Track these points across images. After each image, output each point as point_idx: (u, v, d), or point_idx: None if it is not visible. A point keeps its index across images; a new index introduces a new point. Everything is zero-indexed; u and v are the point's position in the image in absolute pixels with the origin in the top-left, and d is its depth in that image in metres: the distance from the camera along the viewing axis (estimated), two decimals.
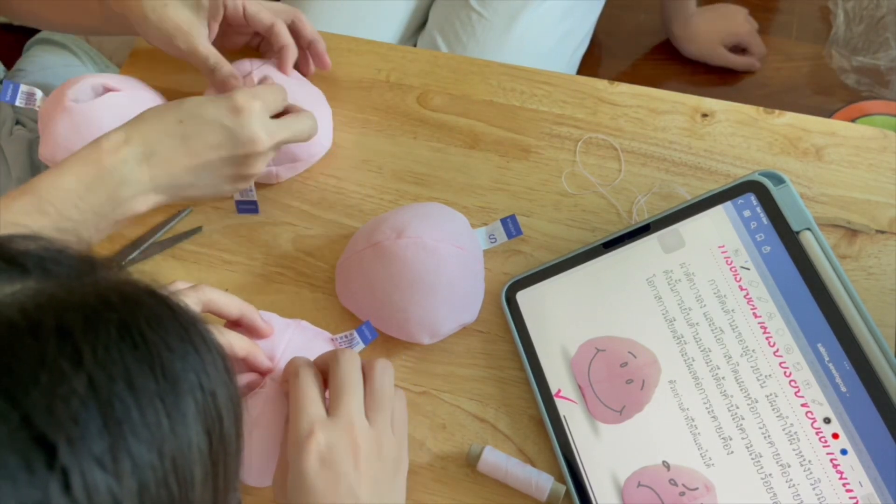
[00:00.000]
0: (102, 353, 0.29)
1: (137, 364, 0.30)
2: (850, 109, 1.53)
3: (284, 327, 0.61)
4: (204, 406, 0.31)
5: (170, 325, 0.32)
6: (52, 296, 0.30)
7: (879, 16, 1.57)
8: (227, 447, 0.33)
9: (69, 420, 0.27)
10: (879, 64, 1.55)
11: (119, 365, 0.29)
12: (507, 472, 0.59)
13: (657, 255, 0.64)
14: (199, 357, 0.32)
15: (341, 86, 0.79)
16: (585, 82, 0.78)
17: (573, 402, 0.61)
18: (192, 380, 0.31)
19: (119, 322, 0.30)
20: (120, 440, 0.28)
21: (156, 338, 0.31)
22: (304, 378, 0.52)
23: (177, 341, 0.32)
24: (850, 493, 0.54)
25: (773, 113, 0.75)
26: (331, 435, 0.49)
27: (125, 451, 0.28)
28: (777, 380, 0.58)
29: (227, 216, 0.73)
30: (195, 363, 0.32)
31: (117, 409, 0.28)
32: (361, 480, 0.49)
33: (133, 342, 0.30)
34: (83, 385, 0.28)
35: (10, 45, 1.39)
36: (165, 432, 0.29)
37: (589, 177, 0.73)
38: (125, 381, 0.29)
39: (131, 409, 0.28)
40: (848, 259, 0.67)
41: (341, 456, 0.49)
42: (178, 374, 0.31)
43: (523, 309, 0.66)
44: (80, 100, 0.71)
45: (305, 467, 0.48)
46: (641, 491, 0.57)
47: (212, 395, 0.32)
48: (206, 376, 0.32)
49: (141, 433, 0.28)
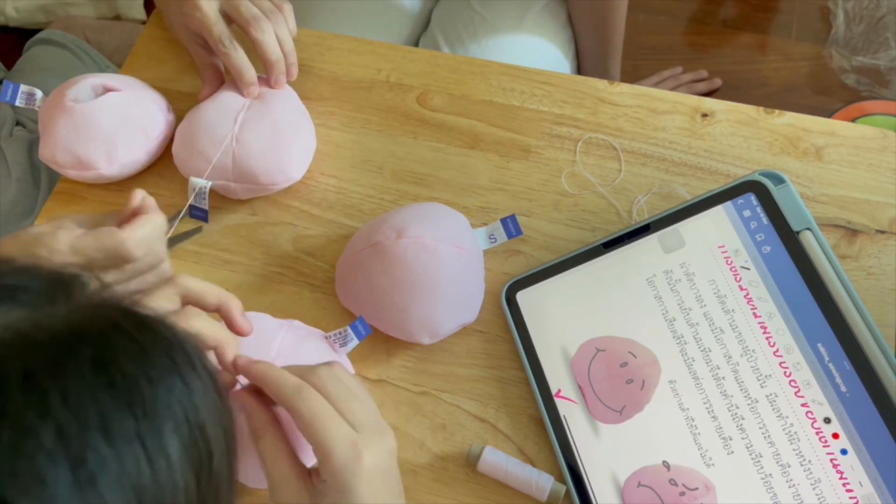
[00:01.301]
0: (73, 397, 0.26)
1: (114, 404, 0.27)
2: (850, 109, 1.53)
3: (277, 328, 0.61)
4: (191, 443, 0.29)
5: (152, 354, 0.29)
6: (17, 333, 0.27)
7: (879, 16, 1.57)
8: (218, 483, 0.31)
9: (35, 481, 0.24)
10: (879, 64, 1.55)
11: (93, 408, 0.26)
12: (507, 472, 0.59)
13: (657, 255, 0.64)
14: (185, 387, 0.30)
15: (341, 86, 0.79)
16: (585, 82, 0.78)
17: (573, 402, 0.61)
18: (177, 414, 0.29)
19: (93, 357, 0.27)
20: (93, 498, 0.25)
21: (136, 371, 0.28)
22: (313, 397, 0.47)
23: (160, 372, 0.29)
24: (850, 493, 0.54)
25: (773, 113, 0.75)
26: (373, 451, 0.47)
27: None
28: (777, 380, 0.58)
29: (226, 216, 0.73)
30: (181, 395, 0.29)
31: (90, 462, 0.26)
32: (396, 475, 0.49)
33: (110, 379, 0.27)
34: (51, 437, 0.25)
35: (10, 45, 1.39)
36: (146, 480, 0.27)
37: (589, 177, 0.73)
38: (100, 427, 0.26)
39: (107, 459, 0.26)
40: (848, 259, 0.67)
41: (385, 464, 0.48)
42: (162, 410, 0.28)
43: (523, 309, 0.66)
44: (80, 100, 0.71)
45: (361, 490, 0.46)
46: (641, 491, 0.57)
47: (200, 428, 0.29)
48: (193, 409, 0.29)
49: (118, 485, 0.26)
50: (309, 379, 0.49)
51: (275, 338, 0.59)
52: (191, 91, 0.79)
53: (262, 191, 0.71)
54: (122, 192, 0.74)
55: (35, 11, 1.67)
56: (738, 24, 1.64)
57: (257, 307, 0.67)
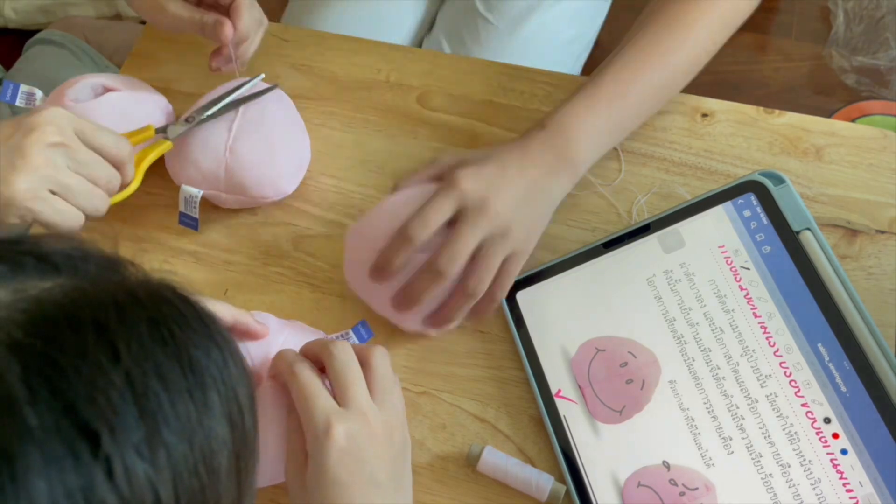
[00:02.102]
0: (136, 349, 0.30)
1: (167, 360, 0.31)
2: (850, 109, 1.53)
3: (280, 328, 0.61)
4: (227, 401, 0.32)
5: (194, 323, 0.33)
6: (84, 292, 0.31)
7: (879, 16, 1.56)
8: (248, 441, 0.34)
9: (110, 410, 0.28)
10: (879, 64, 1.55)
11: (151, 360, 0.30)
12: (507, 472, 0.59)
13: (657, 255, 0.64)
14: (220, 353, 0.33)
15: (342, 85, 0.79)
16: None
17: (573, 402, 0.61)
18: (216, 375, 0.32)
19: (149, 319, 0.31)
20: (155, 431, 0.29)
21: (182, 334, 0.32)
22: (304, 372, 0.52)
23: (201, 338, 0.33)
24: (850, 493, 0.54)
25: (773, 113, 0.75)
26: (348, 425, 0.50)
27: (160, 441, 0.29)
28: (777, 380, 0.58)
29: (227, 216, 0.73)
30: (218, 360, 0.33)
31: (151, 402, 0.29)
32: (380, 465, 0.51)
33: (163, 338, 0.31)
34: (121, 378, 0.29)
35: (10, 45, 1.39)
36: (194, 424, 0.30)
37: (589, 177, 0.73)
38: (157, 376, 0.30)
39: (164, 402, 0.30)
40: (848, 259, 0.67)
41: (361, 444, 0.50)
42: (204, 369, 0.32)
43: (523, 309, 0.66)
44: (79, 99, 0.71)
45: (328, 461, 0.49)
46: (641, 491, 0.57)
47: (233, 390, 0.33)
48: (227, 373, 0.33)
49: (173, 425, 0.30)
50: (322, 352, 0.54)
51: (277, 338, 0.60)
52: (191, 91, 0.79)
53: (252, 203, 0.71)
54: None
55: (34, 12, 1.67)
56: None
57: (257, 307, 0.67)
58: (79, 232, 0.57)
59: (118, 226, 0.73)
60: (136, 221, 0.73)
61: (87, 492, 0.26)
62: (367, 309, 0.67)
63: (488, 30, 0.99)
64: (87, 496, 0.26)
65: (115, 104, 0.70)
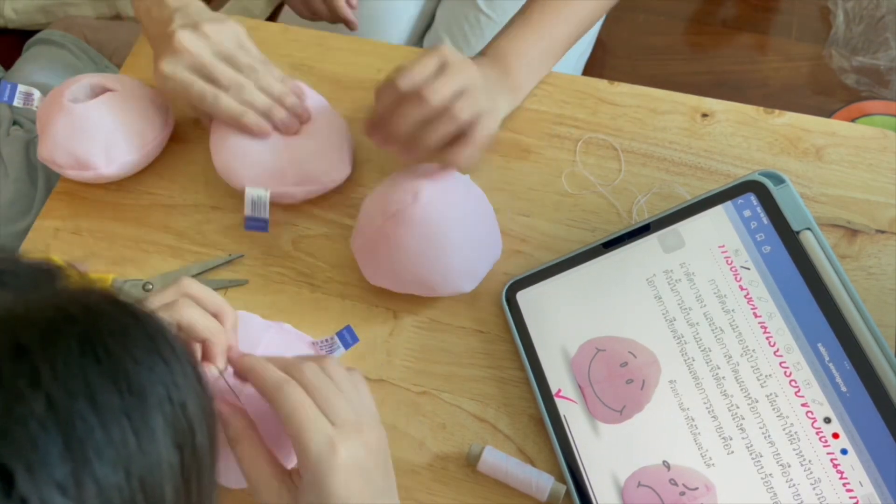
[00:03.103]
0: (62, 370, 0.27)
1: (100, 379, 0.28)
2: (850, 109, 1.53)
3: (265, 328, 0.61)
4: (174, 419, 0.30)
5: (135, 336, 0.31)
6: (8, 311, 0.28)
7: (879, 16, 1.57)
8: (200, 461, 0.32)
9: (27, 444, 0.26)
10: (879, 64, 1.55)
11: (80, 381, 0.28)
12: (507, 472, 0.59)
13: (657, 254, 0.64)
14: (167, 368, 0.31)
15: (342, 86, 0.79)
16: (585, 82, 0.78)
17: (573, 401, 0.61)
18: (160, 392, 0.30)
19: (80, 335, 0.29)
20: (83, 463, 0.26)
21: (120, 350, 0.29)
22: (294, 392, 0.48)
23: (143, 352, 0.30)
24: (851, 492, 0.54)
25: (773, 113, 0.75)
26: (349, 444, 0.48)
27: (89, 475, 0.26)
28: (777, 379, 0.58)
29: (226, 216, 0.73)
30: (163, 374, 0.30)
31: (79, 430, 0.27)
32: (377, 472, 0.50)
33: (95, 356, 0.28)
34: (41, 405, 0.26)
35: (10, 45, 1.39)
36: (132, 451, 0.28)
37: (589, 177, 0.73)
38: (87, 399, 0.27)
39: (94, 428, 0.27)
40: (848, 259, 0.67)
41: (363, 460, 0.48)
42: (145, 387, 0.29)
43: (523, 309, 0.66)
44: (77, 100, 0.71)
45: (336, 484, 0.46)
46: (641, 491, 0.57)
47: (182, 406, 0.31)
48: (175, 388, 0.31)
49: (105, 453, 0.27)
50: (292, 373, 0.50)
51: (260, 339, 0.59)
52: None
53: (320, 191, 0.71)
54: (122, 191, 0.74)
55: (34, 12, 1.67)
56: (738, 24, 1.64)
57: (257, 307, 0.67)
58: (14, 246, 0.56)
59: (118, 226, 0.73)
60: (137, 222, 0.73)
61: None
62: (367, 309, 0.67)
63: (491, 27, 0.99)
64: None
65: (113, 104, 0.70)
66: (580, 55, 1.06)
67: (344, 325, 0.62)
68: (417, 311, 0.68)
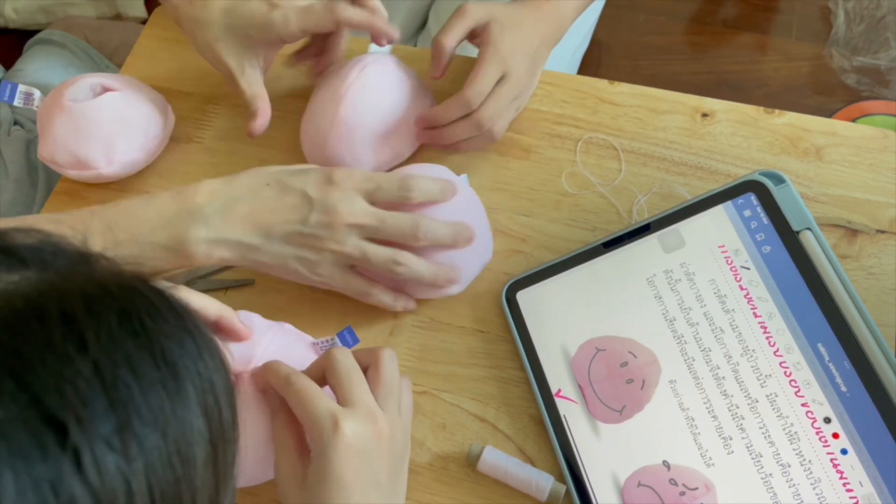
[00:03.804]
0: (105, 339, 0.29)
1: (138, 350, 0.30)
2: (851, 109, 1.53)
3: (266, 329, 0.61)
4: (203, 392, 0.32)
5: (167, 314, 0.32)
6: (52, 284, 0.30)
7: (879, 16, 1.57)
8: (226, 432, 0.34)
9: (77, 401, 0.28)
10: (879, 64, 1.55)
11: (121, 351, 0.30)
12: (507, 471, 0.59)
13: (657, 254, 0.64)
14: (195, 344, 0.33)
15: None
16: (585, 82, 0.78)
17: (573, 401, 0.61)
18: (190, 366, 0.32)
19: (119, 310, 0.31)
20: (126, 422, 0.28)
21: (154, 326, 0.31)
22: (299, 381, 0.52)
23: (175, 329, 0.32)
24: (851, 492, 0.54)
25: (774, 113, 0.75)
26: (354, 423, 0.50)
27: (131, 433, 0.28)
28: (777, 379, 0.58)
29: None
30: (192, 351, 0.32)
31: (122, 392, 0.29)
32: (382, 466, 0.51)
33: (133, 330, 0.30)
34: (89, 368, 0.28)
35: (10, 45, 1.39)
36: (168, 415, 0.30)
37: (589, 177, 0.73)
38: (128, 367, 0.29)
39: (135, 392, 0.29)
40: (848, 259, 0.67)
41: (366, 443, 0.50)
42: (177, 360, 0.31)
43: (523, 309, 0.66)
44: (78, 99, 0.71)
45: (334, 457, 0.49)
46: (641, 491, 0.57)
47: (209, 381, 0.33)
48: (202, 363, 0.33)
49: (145, 415, 0.29)
50: (324, 360, 0.54)
51: (261, 340, 0.59)
52: (191, 91, 0.79)
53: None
54: (123, 191, 0.74)
55: (35, 12, 1.67)
56: (738, 24, 1.64)
57: (259, 307, 0.67)
58: None
59: None
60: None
61: (55, 483, 0.26)
62: (366, 309, 0.67)
63: None
64: (55, 488, 0.26)
65: (114, 103, 0.70)
66: (576, 48, 1.06)
67: (345, 325, 0.62)
68: (417, 311, 0.68)
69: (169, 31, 0.83)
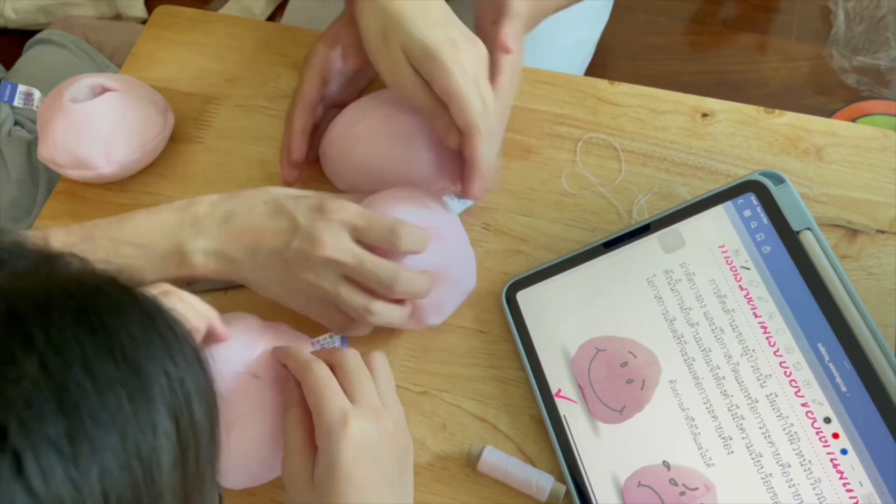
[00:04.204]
0: (56, 337, 0.28)
1: (95, 349, 0.29)
2: (851, 109, 1.53)
3: (262, 329, 0.61)
4: (170, 392, 0.31)
5: (132, 313, 0.31)
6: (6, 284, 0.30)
7: (879, 16, 1.57)
8: (199, 437, 0.32)
9: (20, 402, 0.26)
10: (880, 64, 1.55)
11: (75, 349, 0.28)
12: (508, 472, 0.59)
13: (657, 254, 0.64)
14: (164, 345, 0.32)
15: None
16: (586, 82, 0.78)
17: (573, 401, 0.61)
18: (156, 367, 0.31)
19: (76, 308, 0.30)
20: (77, 423, 0.27)
21: (116, 324, 0.30)
22: (320, 370, 0.53)
23: (139, 328, 0.31)
24: (851, 492, 0.54)
25: (774, 113, 0.75)
26: (363, 422, 0.50)
27: (83, 435, 0.27)
28: (777, 379, 0.58)
29: None
30: (160, 350, 0.31)
31: (73, 393, 0.27)
32: (391, 464, 0.51)
33: (90, 327, 0.29)
34: (34, 367, 0.27)
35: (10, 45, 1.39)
36: (128, 416, 0.29)
37: (589, 177, 0.73)
38: (81, 365, 0.28)
39: (89, 392, 0.28)
40: (848, 259, 0.67)
41: (375, 441, 0.51)
42: (141, 360, 0.30)
43: (523, 309, 0.66)
44: (77, 99, 0.71)
45: (343, 455, 0.49)
46: (641, 491, 0.57)
47: (179, 382, 0.31)
48: (172, 364, 0.31)
49: (100, 417, 0.28)
50: (333, 355, 0.55)
51: (259, 340, 0.59)
52: (191, 91, 0.79)
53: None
54: (123, 191, 0.74)
55: (34, 12, 1.67)
56: (738, 24, 1.64)
57: (257, 307, 0.67)
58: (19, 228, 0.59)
59: None
60: None
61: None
62: None
63: None
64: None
65: (113, 104, 0.70)
66: (583, 59, 1.06)
67: None
68: None
69: (169, 31, 0.83)
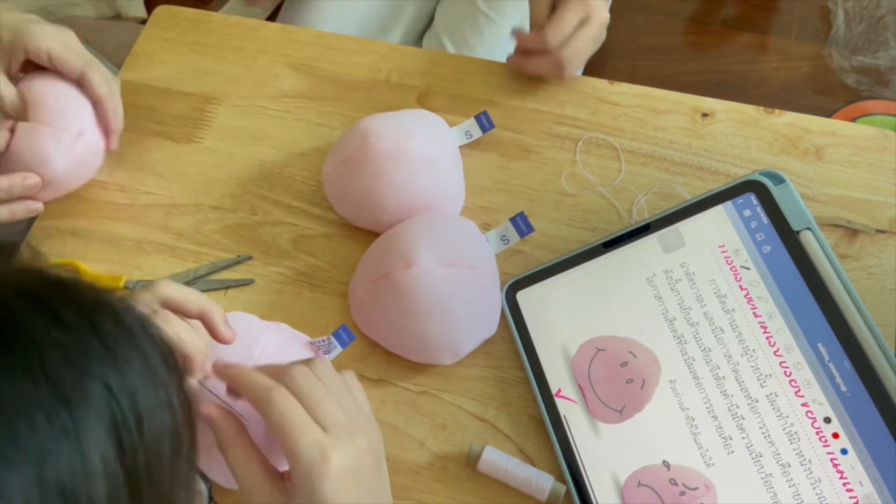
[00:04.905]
0: None
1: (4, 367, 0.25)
2: (850, 109, 1.53)
3: (262, 330, 0.61)
4: (112, 408, 0.27)
5: (68, 320, 0.27)
6: None
7: (879, 16, 1.57)
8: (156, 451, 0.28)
9: None
10: (879, 64, 1.55)
11: None
12: (508, 471, 0.59)
13: (657, 254, 0.64)
14: (108, 354, 0.28)
15: (342, 86, 0.79)
16: (586, 82, 0.78)
17: (573, 401, 0.61)
18: (93, 380, 0.27)
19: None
20: None
21: (41, 334, 0.26)
22: (284, 400, 0.48)
23: (72, 336, 0.27)
24: (851, 492, 0.54)
25: (773, 112, 0.75)
26: (341, 451, 0.47)
27: None
28: (777, 379, 0.58)
29: (226, 216, 0.73)
30: (99, 358, 0.27)
31: None
32: (371, 475, 0.49)
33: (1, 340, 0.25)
34: None
35: None
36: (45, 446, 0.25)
37: (589, 177, 0.73)
38: None
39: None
40: (848, 259, 0.67)
41: (355, 466, 0.48)
42: (79, 376, 0.26)
43: (523, 309, 0.66)
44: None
45: (327, 491, 0.46)
46: (641, 490, 0.57)
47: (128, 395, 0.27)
48: (117, 375, 0.27)
49: (7, 452, 0.24)
50: (281, 379, 0.49)
51: (258, 340, 0.59)
52: (191, 91, 0.79)
53: None
54: (121, 191, 0.74)
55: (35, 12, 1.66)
56: (738, 24, 1.64)
57: (257, 307, 0.67)
58: None
59: (118, 226, 0.73)
60: (136, 221, 0.73)
61: None
62: None
63: (491, 27, 0.99)
64: None
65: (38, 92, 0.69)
66: None
67: (340, 325, 0.62)
68: None
69: (169, 31, 0.84)
